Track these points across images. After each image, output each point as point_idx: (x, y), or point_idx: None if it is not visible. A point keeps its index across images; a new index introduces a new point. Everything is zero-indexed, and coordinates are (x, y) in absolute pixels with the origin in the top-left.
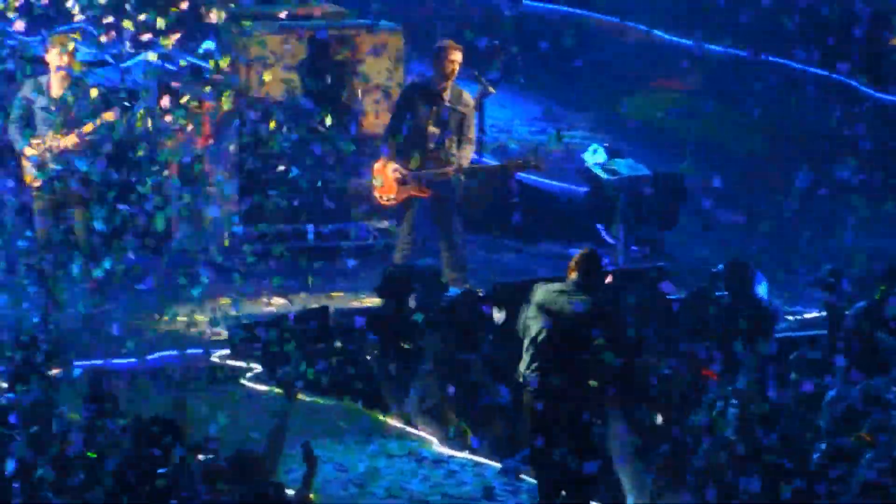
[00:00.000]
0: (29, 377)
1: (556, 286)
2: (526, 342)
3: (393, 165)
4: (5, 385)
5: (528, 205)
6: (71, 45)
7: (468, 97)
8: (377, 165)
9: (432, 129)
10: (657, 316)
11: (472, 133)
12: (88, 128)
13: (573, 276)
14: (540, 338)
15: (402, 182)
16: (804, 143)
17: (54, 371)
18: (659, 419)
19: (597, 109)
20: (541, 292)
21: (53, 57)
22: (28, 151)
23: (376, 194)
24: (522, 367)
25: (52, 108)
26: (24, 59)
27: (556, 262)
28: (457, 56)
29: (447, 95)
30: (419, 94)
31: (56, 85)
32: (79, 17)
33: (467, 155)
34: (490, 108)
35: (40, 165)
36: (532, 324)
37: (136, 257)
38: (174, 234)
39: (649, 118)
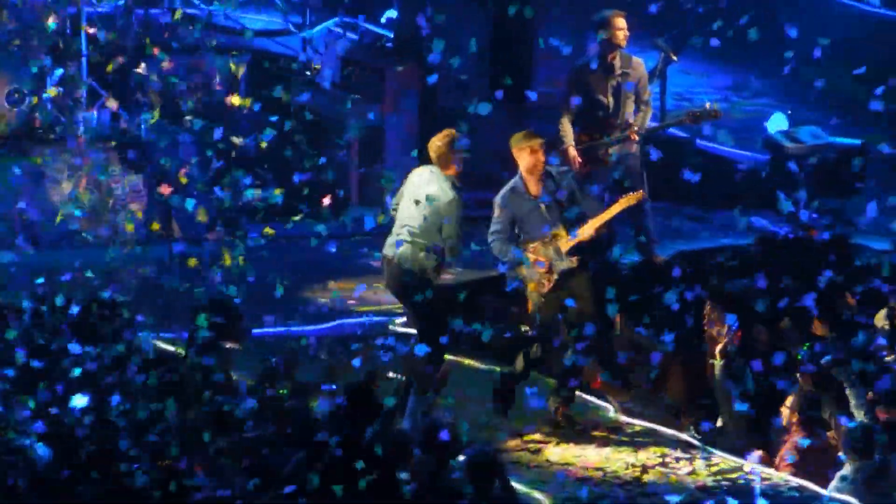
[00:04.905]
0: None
1: None
2: None
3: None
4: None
5: (709, 172)
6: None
7: (638, 60)
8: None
9: (608, 99)
10: None
11: (648, 95)
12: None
13: None
14: None
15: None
16: None
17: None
18: None
19: (783, 78)
20: None
21: (527, 159)
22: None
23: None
24: None
25: (543, 209)
26: None
27: (735, 229)
28: (622, 24)
29: (617, 63)
30: (589, 70)
31: (533, 186)
32: None
33: (646, 118)
34: (674, 76)
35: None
36: None
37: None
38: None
39: (837, 87)
